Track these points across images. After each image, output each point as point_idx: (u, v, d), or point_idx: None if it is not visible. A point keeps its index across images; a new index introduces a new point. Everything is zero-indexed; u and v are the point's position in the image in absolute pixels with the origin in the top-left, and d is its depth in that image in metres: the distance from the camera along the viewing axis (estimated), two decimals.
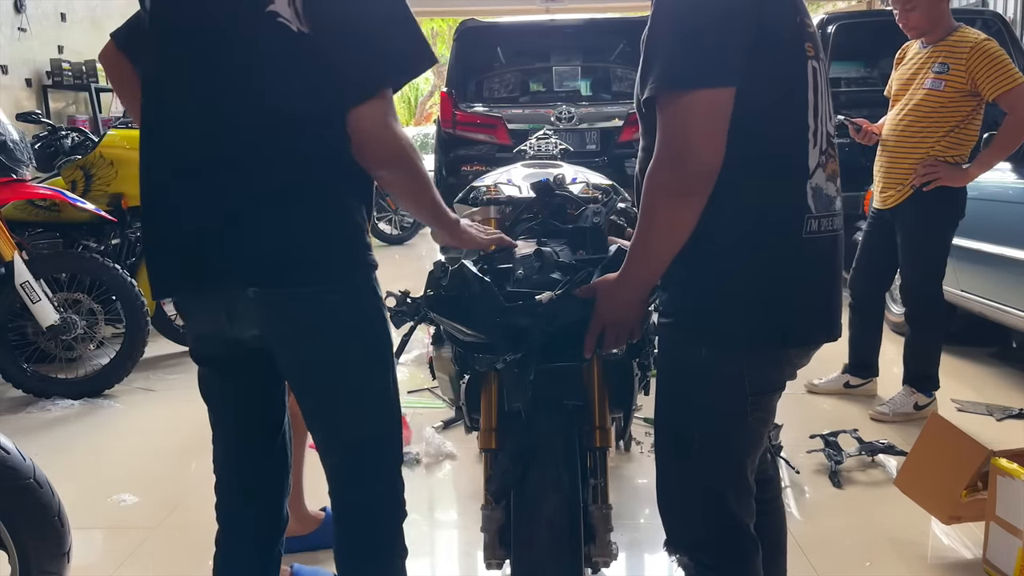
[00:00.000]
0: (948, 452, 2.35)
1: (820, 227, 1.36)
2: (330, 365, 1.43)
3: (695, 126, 1.22)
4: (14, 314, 3.74)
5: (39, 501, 1.68)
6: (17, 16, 6.31)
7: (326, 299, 1.37)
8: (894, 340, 4.10)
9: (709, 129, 1.22)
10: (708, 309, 1.36)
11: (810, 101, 1.33)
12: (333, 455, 1.52)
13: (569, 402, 1.64)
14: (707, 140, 1.22)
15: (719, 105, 1.22)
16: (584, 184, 2.27)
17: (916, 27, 3.14)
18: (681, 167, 1.24)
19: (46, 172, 4.52)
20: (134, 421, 3.58)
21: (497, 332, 1.60)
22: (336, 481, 1.53)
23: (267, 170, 1.32)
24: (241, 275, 1.34)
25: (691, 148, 1.22)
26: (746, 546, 1.45)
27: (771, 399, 1.44)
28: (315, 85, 1.31)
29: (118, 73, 1.60)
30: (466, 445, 1.65)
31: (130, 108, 1.63)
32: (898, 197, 3.25)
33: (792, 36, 1.32)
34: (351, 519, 1.54)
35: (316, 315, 1.38)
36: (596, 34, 7.02)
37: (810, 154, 1.34)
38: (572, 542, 1.56)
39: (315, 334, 1.39)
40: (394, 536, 1.56)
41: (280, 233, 1.33)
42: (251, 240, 1.33)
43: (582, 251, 1.78)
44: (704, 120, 1.22)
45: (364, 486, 1.52)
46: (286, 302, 1.36)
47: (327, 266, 1.37)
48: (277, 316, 1.38)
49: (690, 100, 1.21)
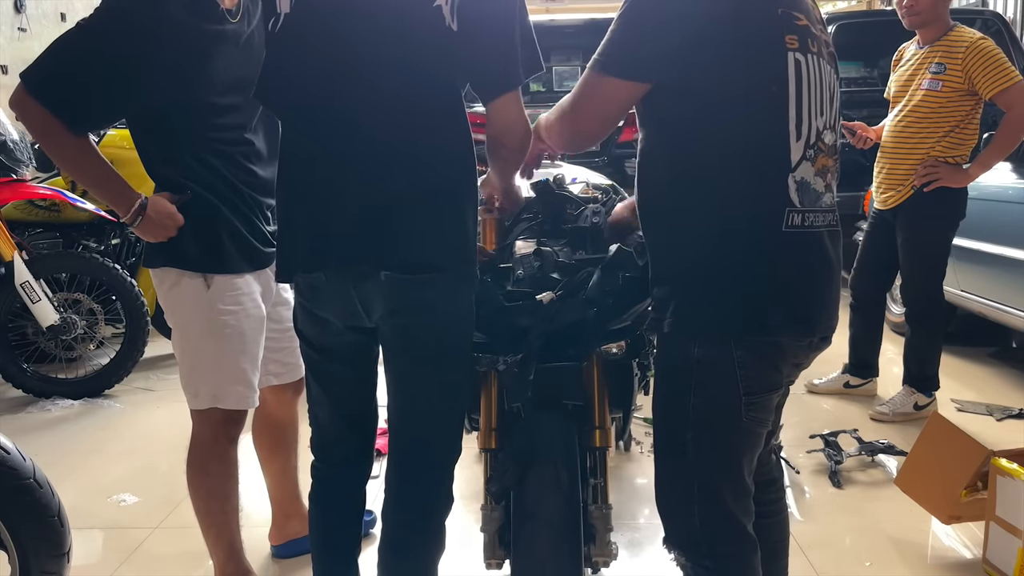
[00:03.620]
0: (948, 452, 2.35)
1: (804, 221, 1.35)
2: (434, 347, 1.52)
3: (592, 101, 1.41)
4: (14, 314, 3.74)
5: (39, 501, 1.68)
6: (17, 16, 6.31)
7: (447, 286, 1.49)
8: (894, 340, 4.10)
9: (600, 109, 1.41)
10: (691, 301, 1.37)
11: (791, 93, 1.33)
12: (403, 444, 1.59)
13: (569, 402, 1.64)
14: (595, 116, 1.43)
15: (615, 92, 1.38)
16: (584, 184, 2.27)
17: (921, 12, 3.11)
18: (569, 124, 1.48)
19: (46, 172, 4.51)
20: (134, 421, 3.58)
21: (497, 332, 1.61)
22: (399, 469, 1.60)
23: (414, 163, 1.44)
24: (379, 260, 1.44)
25: (579, 116, 1.44)
26: (744, 546, 1.45)
27: (768, 400, 1.43)
28: (451, 79, 1.47)
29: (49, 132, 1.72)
30: (466, 445, 1.65)
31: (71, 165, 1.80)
32: (898, 198, 3.25)
33: (769, 28, 1.32)
34: (407, 507, 1.60)
35: (435, 300, 1.49)
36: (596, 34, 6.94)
37: (792, 147, 1.34)
38: (572, 542, 1.56)
39: (430, 317, 1.50)
40: (441, 529, 1.62)
41: (423, 223, 1.45)
42: (397, 229, 1.44)
43: (582, 251, 1.78)
44: (598, 101, 1.40)
45: (426, 477, 1.59)
46: (410, 287, 1.46)
47: (454, 256, 1.48)
48: (399, 298, 1.48)
49: (595, 80, 1.38)
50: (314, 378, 1.65)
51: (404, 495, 1.60)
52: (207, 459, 1.96)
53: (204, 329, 1.86)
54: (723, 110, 1.32)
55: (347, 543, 1.72)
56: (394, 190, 1.44)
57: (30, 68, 1.70)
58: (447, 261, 1.47)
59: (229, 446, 1.97)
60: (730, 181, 1.34)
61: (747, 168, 1.34)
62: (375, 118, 1.43)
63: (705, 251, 1.36)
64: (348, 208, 1.44)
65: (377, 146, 1.44)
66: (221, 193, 1.82)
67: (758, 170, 1.34)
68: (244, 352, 1.89)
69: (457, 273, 1.49)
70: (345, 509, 1.70)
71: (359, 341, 1.57)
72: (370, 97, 1.43)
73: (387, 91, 1.43)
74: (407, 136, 1.44)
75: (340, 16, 1.42)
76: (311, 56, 1.45)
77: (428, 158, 1.45)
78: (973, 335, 4.28)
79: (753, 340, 1.37)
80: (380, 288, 1.46)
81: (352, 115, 1.44)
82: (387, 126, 1.43)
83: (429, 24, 1.40)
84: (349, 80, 1.43)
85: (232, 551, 2.04)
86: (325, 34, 1.43)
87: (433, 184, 1.46)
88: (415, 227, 1.44)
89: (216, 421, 1.92)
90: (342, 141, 1.44)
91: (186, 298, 1.85)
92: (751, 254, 1.35)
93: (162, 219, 1.78)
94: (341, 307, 1.52)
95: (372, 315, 1.51)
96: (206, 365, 1.88)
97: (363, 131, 1.43)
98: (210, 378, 1.88)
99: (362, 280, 1.47)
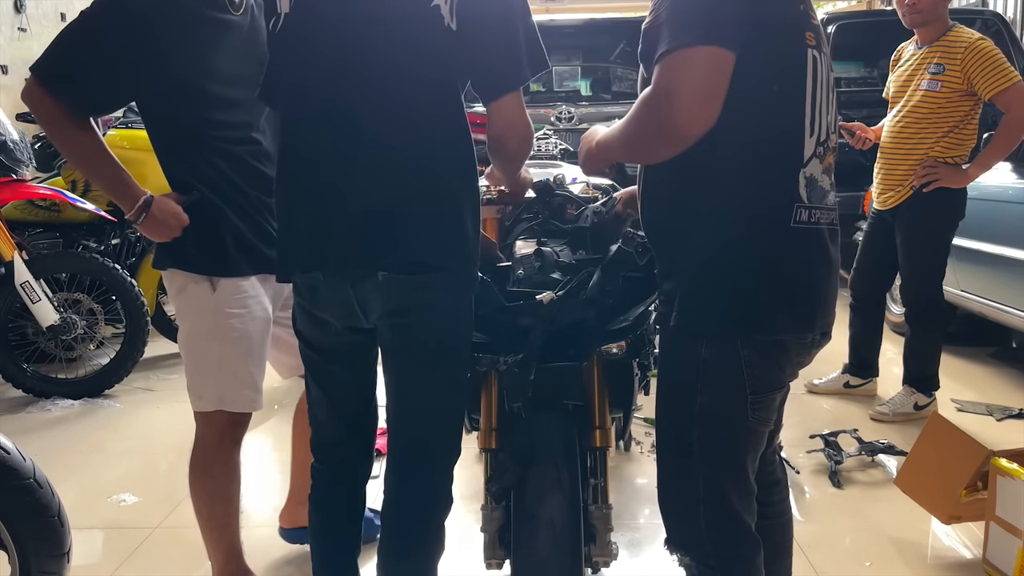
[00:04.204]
0: (948, 452, 2.35)
1: (811, 218, 1.36)
2: (432, 347, 1.52)
3: (687, 78, 1.24)
4: (14, 314, 3.74)
5: (39, 501, 1.68)
6: (17, 16, 6.30)
7: (446, 287, 1.49)
8: (894, 340, 4.10)
9: (703, 81, 1.24)
10: (699, 298, 1.37)
11: (808, 89, 1.34)
12: (402, 445, 1.59)
13: (569, 402, 1.64)
14: (698, 91, 1.24)
15: (714, 62, 1.24)
16: (584, 184, 2.27)
17: (923, 11, 3.10)
18: (666, 111, 1.26)
19: (46, 172, 4.52)
20: (134, 421, 3.58)
21: (497, 332, 1.61)
22: (399, 471, 1.59)
23: (415, 166, 1.44)
24: (378, 261, 1.44)
25: (677, 97, 1.25)
26: (748, 546, 1.45)
27: (772, 399, 1.44)
28: (452, 80, 1.45)
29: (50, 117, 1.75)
30: (466, 445, 1.65)
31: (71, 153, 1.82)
32: (898, 198, 3.25)
33: (793, 22, 1.33)
34: (406, 509, 1.59)
35: (433, 300, 1.48)
36: (596, 34, 7.01)
37: (806, 143, 1.34)
38: (572, 542, 1.56)
39: (428, 317, 1.50)
40: (441, 530, 1.61)
41: (423, 224, 1.45)
42: (397, 231, 1.44)
43: (582, 251, 1.78)
44: (696, 74, 1.24)
45: (425, 478, 1.58)
46: (408, 287, 1.46)
47: (452, 257, 1.48)
48: (397, 298, 1.47)
49: (683, 55, 1.24)
50: (313, 379, 1.65)
51: (403, 496, 1.60)
52: (211, 461, 1.96)
53: (210, 332, 1.86)
54: (743, 101, 1.29)
55: (346, 544, 1.71)
56: (395, 192, 1.44)
57: (39, 58, 1.75)
58: (445, 262, 1.47)
59: (233, 448, 1.97)
60: (743, 173, 1.33)
61: (760, 161, 1.33)
62: (377, 120, 1.43)
63: (714, 244, 1.35)
64: (350, 209, 1.45)
65: (379, 148, 1.44)
66: (226, 194, 1.82)
67: (771, 164, 1.34)
68: (250, 355, 1.89)
69: (456, 273, 1.49)
70: (344, 510, 1.70)
71: (357, 342, 1.58)
72: (371, 98, 1.43)
73: (388, 93, 1.42)
74: (408, 138, 1.44)
75: (339, 16, 1.43)
76: (312, 57, 1.45)
77: (428, 160, 1.45)
78: (973, 335, 4.28)
79: (759, 339, 1.37)
80: (378, 288, 1.46)
81: (354, 117, 1.44)
82: (389, 129, 1.43)
83: (428, 24, 1.39)
84: (350, 82, 1.43)
85: (232, 553, 2.04)
86: (325, 35, 1.43)
87: (433, 186, 1.46)
88: (414, 228, 1.44)
89: (221, 424, 1.92)
90: (344, 143, 1.44)
91: (193, 301, 1.85)
92: (760, 250, 1.35)
93: (166, 218, 1.78)
94: (339, 308, 1.52)
95: (370, 316, 1.51)
96: (212, 367, 1.88)
97: (365, 133, 1.43)
98: (216, 381, 1.88)
99: (360, 280, 1.47)
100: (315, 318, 1.57)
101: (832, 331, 1.48)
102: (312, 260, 1.50)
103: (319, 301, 1.54)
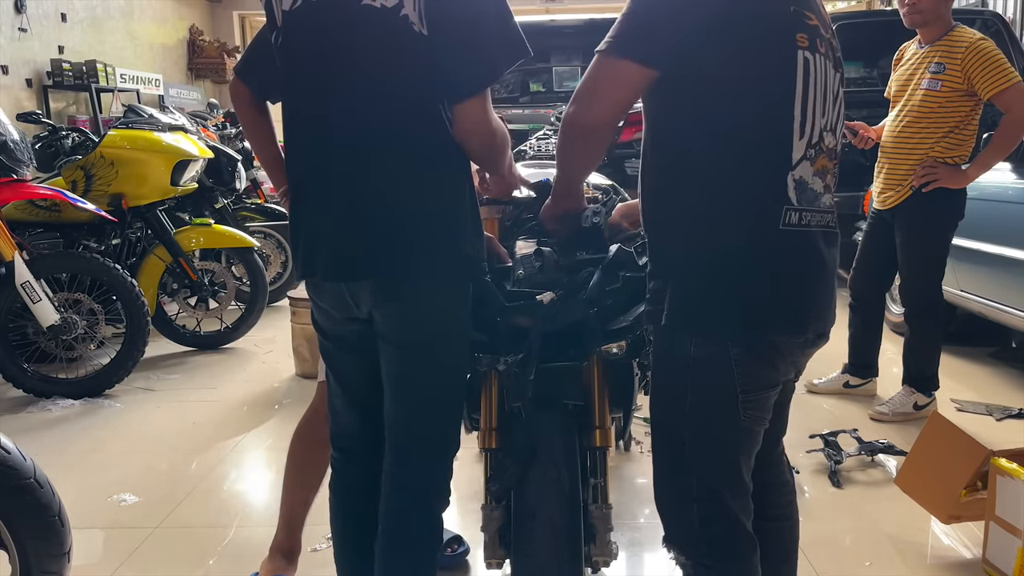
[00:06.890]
0: (948, 452, 2.35)
1: (801, 220, 1.35)
2: (425, 334, 1.54)
3: (603, 85, 1.36)
4: (14, 314, 3.74)
5: (39, 501, 1.68)
6: (17, 16, 6.31)
7: (435, 288, 1.51)
8: (894, 340, 4.11)
9: (611, 93, 1.36)
10: (686, 297, 1.37)
11: (798, 91, 1.33)
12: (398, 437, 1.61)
13: (569, 402, 1.65)
14: (605, 100, 1.36)
15: (626, 75, 1.34)
16: (584, 184, 2.26)
17: (924, 11, 3.10)
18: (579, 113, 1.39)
19: (46, 172, 4.52)
20: (134, 421, 3.58)
21: (498, 332, 1.61)
22: (395, 462, 1.61)
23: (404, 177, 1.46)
24: (363, 267, 1.48)
25: (591, 102, 1.37)
26: (743, 545, 1.44)
27: (765, 397, 1.43)
28: (428, 84, 1.44)
29: (240, 102, 1.77)
30: (466, 445, 1.65)
31: (247, 132, 1.82)
32: (897, 198, 3.25)
33: (780, 23, 1.33)
34: (402, 501, 1.61)
35: (420, 291, 1.51)
36: (596, 34, 6.95)
37: (795, 145, 1.34)
38: (572, 542, 1.56)
39: (418, 306, 1.52)
40: (438, 523, 1.63)
41: (401, 228, 1.46)
42: (375, 233, 1.46)
43: (582, 251, 1.78)
44: (609, 84, 1.35)
45: (422, 469, 1.61)
46: (394, 283, 1.50)
47: (437, 260, 1.49)
48: (385, 292, 1.51)
49: (605, 63, 1.35)
50: (329, 367, 1.71)
51: (399, 489, 1.61)
52: (321, 427, 1.99)
53: None
54: (729, 104, 1.31)
55: (365, 527, 1.73)
56: (377, 201, 1.47)
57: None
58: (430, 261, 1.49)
59: None
60: (729, 175, 1.34)
61: (748, 163, 1.33)
62: (353, 133, 1.45)
63: (702, 243, 1.36)
64: (334, 217, 1.49)
65: (364, 159, 1.46)
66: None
67: (759, 166, 1.34)
68: None
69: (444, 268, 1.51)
70: (363, 498, 1.73)
71: (359, 330, 1.61)
72: (354, 112, 1.45)
73: (370, 106, 1.44)
74: (387, 148, 1.45)
75: (321, 32, 1.45)
76: (300, 72, 1.50)
77: (419, 168, 1.46)
78: (973, 335, 4.29)
79: (748, 339, 1.37)
80: (366, 287, 1.51)
81: (334, 128, 1.46)
82: (372, 140, 1.45)
83: (401, 35, 1.41)
84: (333, 97, 1.46)
85: (292, 524, 2.14)
86: (310, 50, 1.47)
87: (414, 193, 1.47)
88: (400, 237, 1.47)
89: None
90: (323, 152, 1.48)
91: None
92: (747, 251, 1.34)
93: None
94: (335, 299, 1.58)
95: (362, 308, 1.55)
96: None
97: (343, 143, 1.46)
98: None
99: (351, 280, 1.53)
100: (321, 309, 1.63)
101: (830, 332, 1.47)
102: (307, 268, 1.57)
103: (321, 293, 1.61)
